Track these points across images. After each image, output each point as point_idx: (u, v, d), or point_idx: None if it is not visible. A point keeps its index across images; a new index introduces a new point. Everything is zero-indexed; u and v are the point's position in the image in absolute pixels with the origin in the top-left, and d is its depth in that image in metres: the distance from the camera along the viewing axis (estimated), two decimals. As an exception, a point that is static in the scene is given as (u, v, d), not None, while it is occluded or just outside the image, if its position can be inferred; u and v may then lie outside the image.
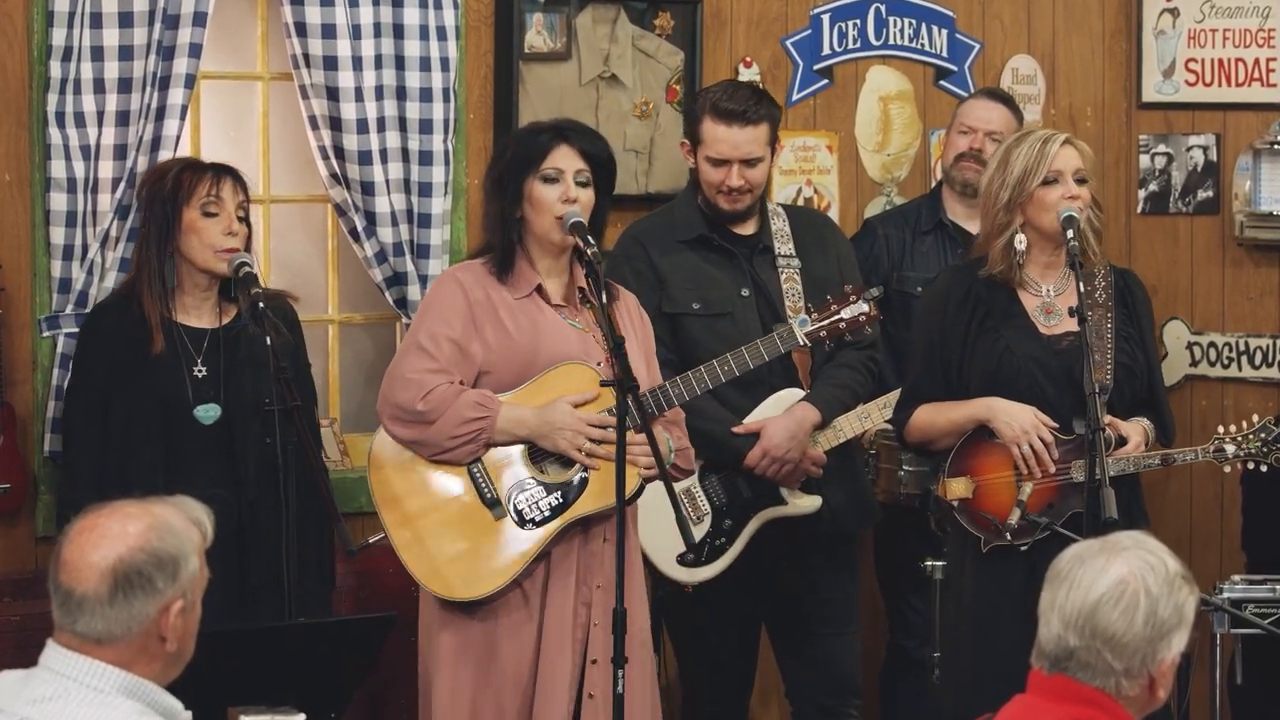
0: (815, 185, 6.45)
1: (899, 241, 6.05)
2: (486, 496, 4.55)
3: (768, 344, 4.96)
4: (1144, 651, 3.01)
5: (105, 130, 5.23)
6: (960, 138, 6.06)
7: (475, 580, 4.51)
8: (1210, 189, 6.78)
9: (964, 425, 4.92)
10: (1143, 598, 3.01)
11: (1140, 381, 4.96)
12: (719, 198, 5.33)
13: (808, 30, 6.44)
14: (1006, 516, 4.85)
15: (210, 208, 4.83)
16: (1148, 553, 3.06)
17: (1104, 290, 4.97)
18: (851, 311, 4.90)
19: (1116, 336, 4.94)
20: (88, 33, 5.20)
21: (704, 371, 4.84)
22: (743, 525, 5.30)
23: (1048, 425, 4.85)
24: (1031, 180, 4.88)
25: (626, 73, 6.12)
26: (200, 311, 4.89)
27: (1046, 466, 4.84)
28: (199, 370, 4.84)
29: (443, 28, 5.69)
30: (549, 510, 4.54)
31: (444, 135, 5.70)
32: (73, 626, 2.97)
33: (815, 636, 5.45)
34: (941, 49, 6.64)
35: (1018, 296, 4.96)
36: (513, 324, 4.57)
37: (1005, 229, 4.91)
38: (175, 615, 2.98)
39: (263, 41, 5.80)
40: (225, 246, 4.81)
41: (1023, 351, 4.90)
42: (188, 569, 3.00)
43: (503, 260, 4.61)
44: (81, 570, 2.96)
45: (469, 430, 4.52)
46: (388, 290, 5.68)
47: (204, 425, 4.83)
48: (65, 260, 5.22)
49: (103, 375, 4.82)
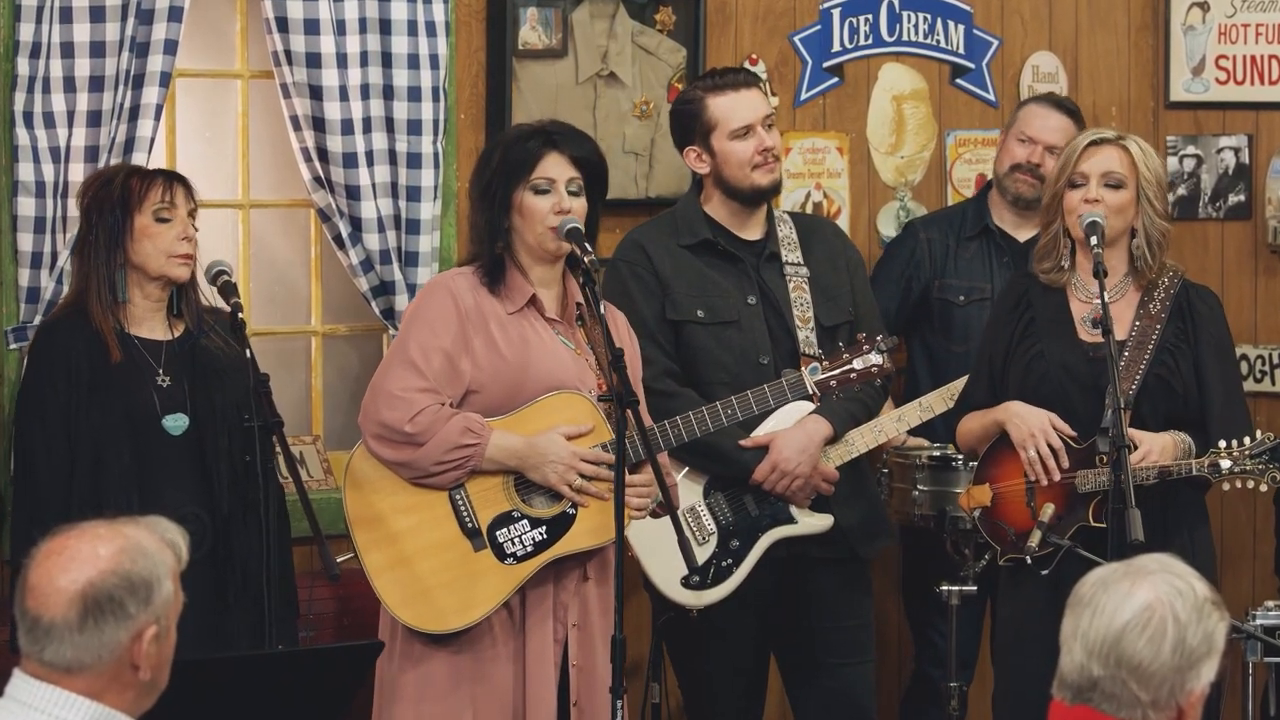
0: (825, 189, 6.44)
1: (942, 246, 6.05)
2: (467, 526, 4.54)
3: (775, 391, 4.99)
4: (1172, 681, 2.99)
5: (76, 131, 5.23)
6: (1018, 146, 6.01)
7: (447, 613, 4.50)
8: (1242, 193, 6.78)
9: (990, 430, 4.98)
10: (1170, 625, 2.99)
11: (1181, 400, 4.94)
12: (757, 172, 5.33)
13: (817, 26, 6.44)
14: (1021, 530, 4.88)
15: (164, 213, 4.83)
16: (1175, 577, 3.04)
17: (1161, 302, 4.98)
18: (864, 363, 4.90)
19: (1158, 349, 4.93)
20: (57, 28, 5.19)
21: (706, 414, 4.88)
22: (750, 545, 5.29)
23: (1062, 432, 4.86)
24: (1061, 180, 4.92)
25: (626, 70, 6.11)
26: (152, 324, 4.89)
27: (1051, 473, 4.86)
28: (162, 380, 4.84)
29: (432, 23, 5.69)
30: (532, 546, 4.53)
31: (433, 137, 5.69)
32: (40, 655, 2.96)
33: (827, 667, 5.43)
34: (958, 45, 6.64)
35: (1068, 303, 4.98)
36: (503, 340, 4.57)
37: (1049, 227, 4.99)
38: (148, 642, 2.97)
39: (242, 37, 5.80)
40: (181, 252, 4.83)
41: (1054, 357, 4.94)
42: (161, 593, 2.99)
43: (492, 271, 4.60)
44: (49, 595, 2.95)
45: (457, 456, 4.51)
46: (374, 300, 5.67)
47: (172, 436, 4.83)
48: (33, 268, 5.21)
49: (63, 392, 4.81)
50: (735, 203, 5.39)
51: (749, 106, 5.35)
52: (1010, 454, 4.94)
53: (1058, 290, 5.01)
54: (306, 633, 5.46)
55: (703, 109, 5.36)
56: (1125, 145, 4.94)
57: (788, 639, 5.47)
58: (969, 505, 5.01)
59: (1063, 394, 4.92)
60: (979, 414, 5.05)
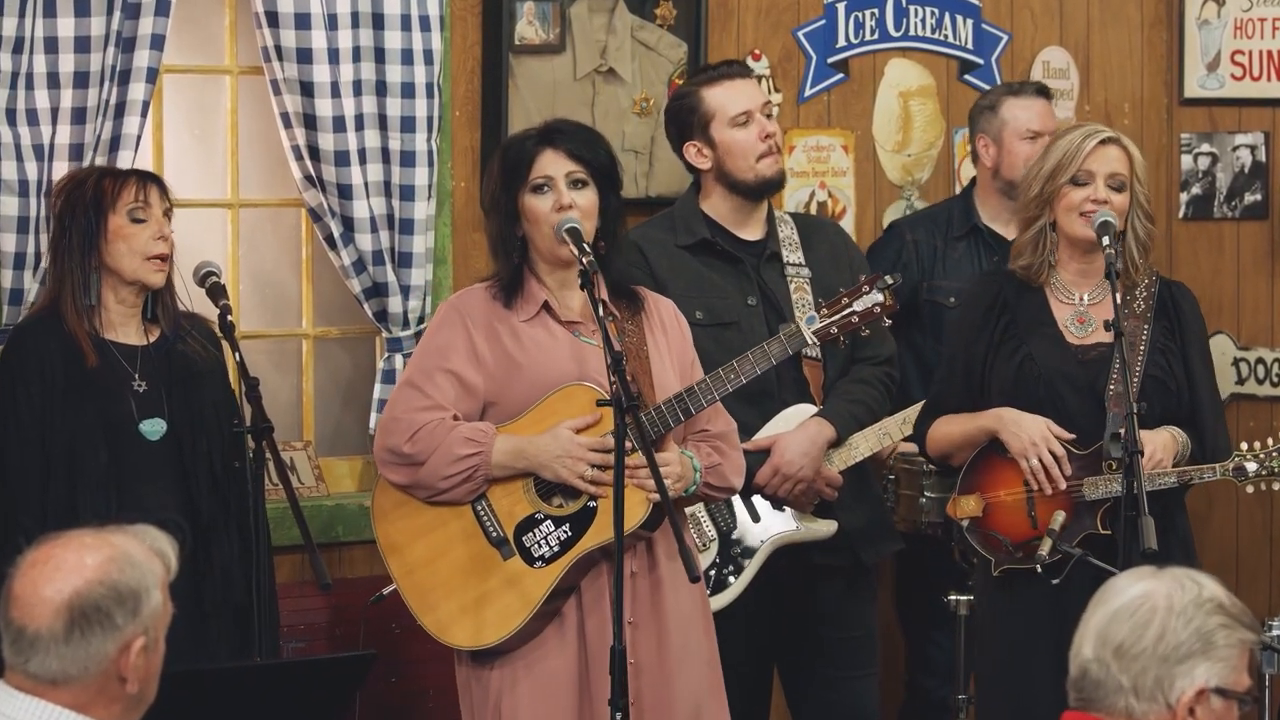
0: (830, 188, 6.44)
1: (929, 247, 6.04)
2: (493, 536, 4.53)
3: (774, 346, 4.84)
4: (1155, 672, 2.98)
5: (60, 129, 5.21)
6: (1025, 145, 5.94)
7: (484, 627, 4.50)
8: (1258, 192, 6.78)
9: (976, 437, 4.96)
10: (1159, 613, 3.00)
11: (1176, 397, 4.95)
12: (762, 162, 5.35)
13: (821, 20, 6.44)
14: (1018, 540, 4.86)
15: (138, 213, 4.83)
16: (1188, 577, 3.06)
17: (1144, 301, 4.98)
18: (865, 303, 4.81)
19: (1150, 349, 4.95)
20: (40, 22, 5.18)
21: (710, 382, 4.77)
22: (752, 552, 5.28)
23: (1061, 438, 4.86)
24: (1061, 176, 4.90)
25: (625, 66, 6.11)
26: (127, 329, 4.89)
27: (1056, 482, 4.85)
28: (139, 385, 4.84)
29: (426, 18, 5.68)
30: (558, 545, 4.51)
31: (427, 134, 5.68)
32: (25, 666, 2.96)
33: (832, 679, 5.44)
34: (966, 40, 6.64)
35: (1048, 304, 4.97)
36: (518, 349, 4.55)
37: (1033, 222, 4.96)
38: (136, 654, 2.97)
39: (231, 32, 5.79)
40: (156, 252, 4.82)
41: (1045, 360, 4.93)
42: (150, 604, 2.99)
43: (510, 284, 4.60)
44: (34, 606, 2.95)
45: (463, 468, 4.50)
46: (366, 302, 5.66)
47: (150, 441, 4.82)
48: (16, 269, 5.20)
49: (36, 395, 4.80)
50: (737, 198, 5.39)
51: (746, 93, 5.38)
52: (1001, 462, 4.91)
53: (1036, 290, 4.99)
54: (298, 643, 5.46)
55: (699, 101, 5.37)
56: (1126, 145, 4.95)
57: (789, 649, 5.47)
58: (957, 515, 4.97)
59: (1057, 398, 4.91)
60: (957, 419, 5.01)
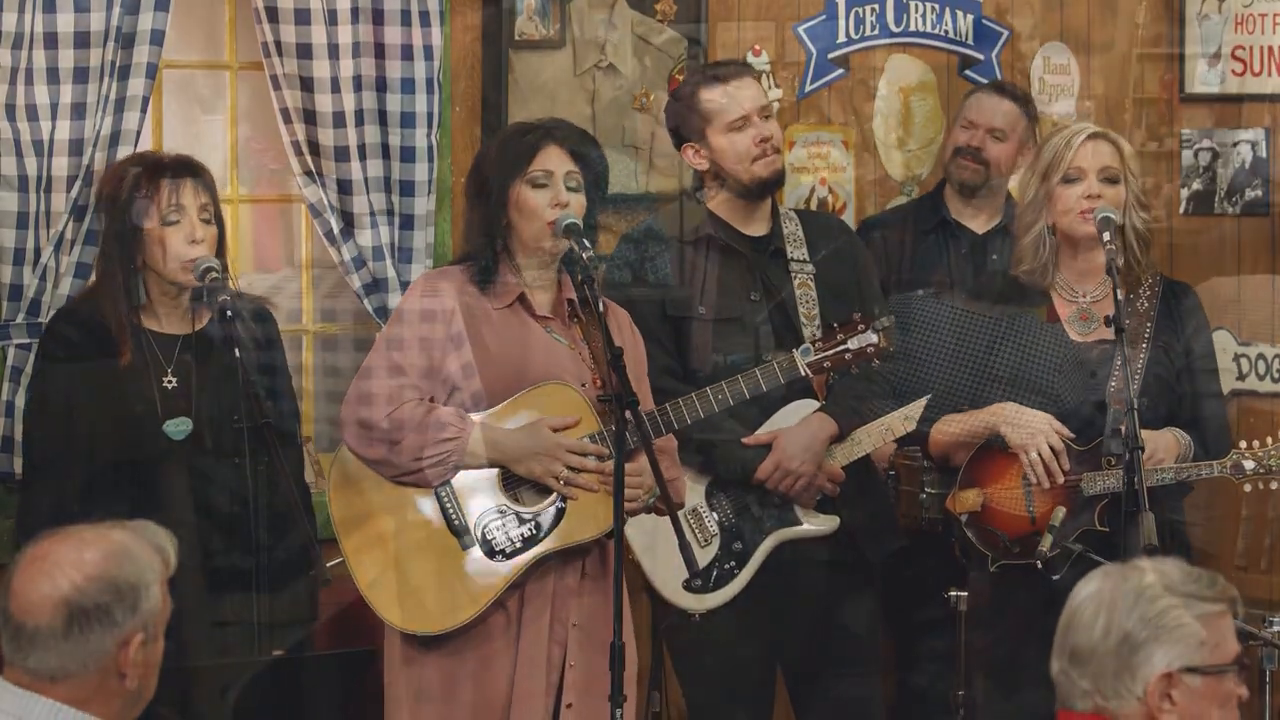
0: (830, 184, 6.45)
1: (896, 244, 6.08)
2: (454, 524, 4.55)
3: (766, 373, 4.94)
4: (1113, 667, 3.01)
5: (59, 124, 5.22)
6: (961, 132, 6.12)
7: (436, 615, 4.51)
8: (1259, 188, 6.78)
9: (977, 433, 4.97)
10: (1103, 610, 3.03)
11: (1178, 397, 4.97)
12: (758, 164, 5.35)
13: (822, 16, 6.44)
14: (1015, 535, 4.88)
15: (171, 216, 4.83)
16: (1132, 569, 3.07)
17: (1147, 299, 5.00)
18: (859, 342, 4.89)
19: (1152, 346, 4.96)
20: (40, 18, 5.19)
21: (696, 400, 4.84)
22: (754, 548, 5.29)
23: (1061, 434, 4.87)
24: (1053, 176, 4.92)
25: (625, 62, 6.12)
26: (170, 318, 4.89)
27: (1055, 476, 4.87)
28: (169, 381, 4.85)
29: (426, 13, 5.69)
30: (520, 542, 4.54)
31: (427, 130, 5.69)
32: (24, 662, 2.97)
33: (836, 679, 5.44)
34: (967, 36, 6.64)
35: (1051, 302, 4.99)
36: (494, 337, 4.58)
37: (1032, 226, 4.97)
38: (135, 650, 2.98)
39: (231, 28, 5.80)
40: (190, 256, 4.81)
41: (1045, 357, 4.94)
42: (149, 600, 3.00)
43: (485, 269, 4.61)
44: (33, 602, 2.96)
45: (437, 452, 4.52)
46: (367, 298, 5.67)
47: (174, 441, 4.83)
48: (16, 265, 5.21)
49: (64, 388, 4.82)
50: (738, 198, 5.40)
51: (744, 97, 5.36)
52: (999, 457, 4.94)
53: (1037, 290, 5.03)
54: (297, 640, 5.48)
55: (697, 104, 5.37)
56: (1114, 139, 4.96)
57: (793, 649, 5.46)
58: (956, 510, 5.00)
59: (1056, 394, 4.93)
60: (960, 417, 5.04)
